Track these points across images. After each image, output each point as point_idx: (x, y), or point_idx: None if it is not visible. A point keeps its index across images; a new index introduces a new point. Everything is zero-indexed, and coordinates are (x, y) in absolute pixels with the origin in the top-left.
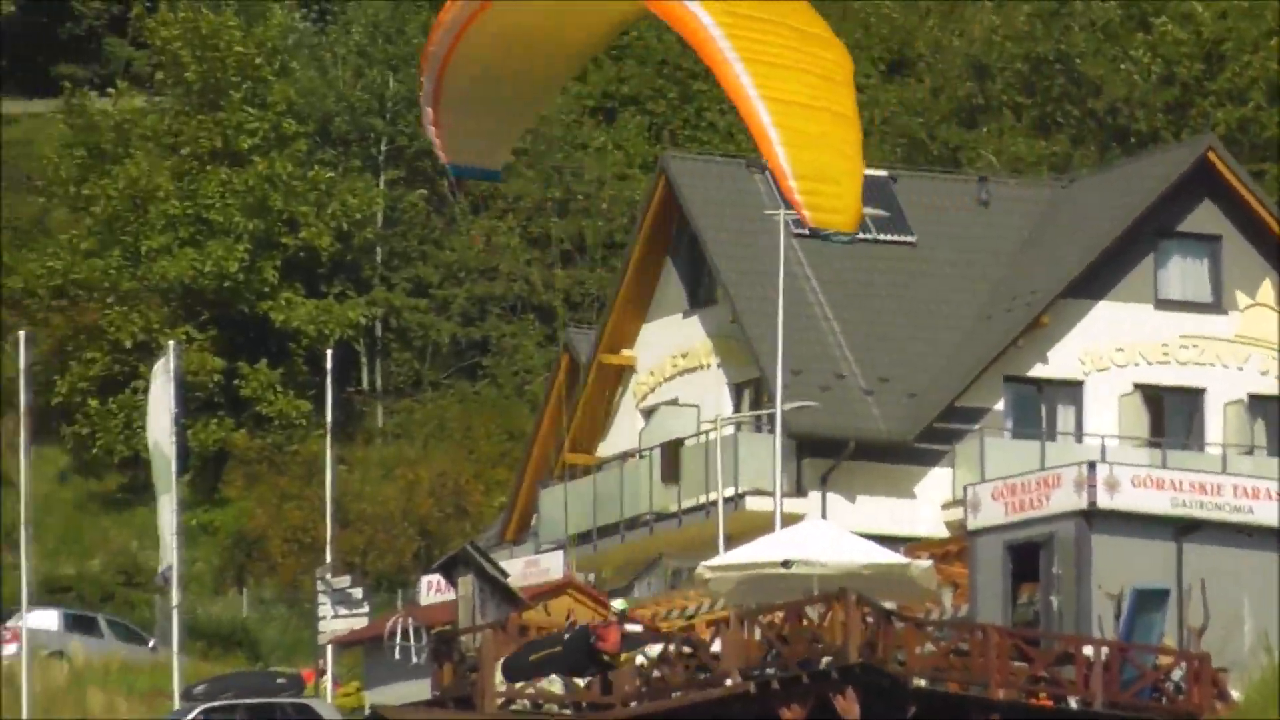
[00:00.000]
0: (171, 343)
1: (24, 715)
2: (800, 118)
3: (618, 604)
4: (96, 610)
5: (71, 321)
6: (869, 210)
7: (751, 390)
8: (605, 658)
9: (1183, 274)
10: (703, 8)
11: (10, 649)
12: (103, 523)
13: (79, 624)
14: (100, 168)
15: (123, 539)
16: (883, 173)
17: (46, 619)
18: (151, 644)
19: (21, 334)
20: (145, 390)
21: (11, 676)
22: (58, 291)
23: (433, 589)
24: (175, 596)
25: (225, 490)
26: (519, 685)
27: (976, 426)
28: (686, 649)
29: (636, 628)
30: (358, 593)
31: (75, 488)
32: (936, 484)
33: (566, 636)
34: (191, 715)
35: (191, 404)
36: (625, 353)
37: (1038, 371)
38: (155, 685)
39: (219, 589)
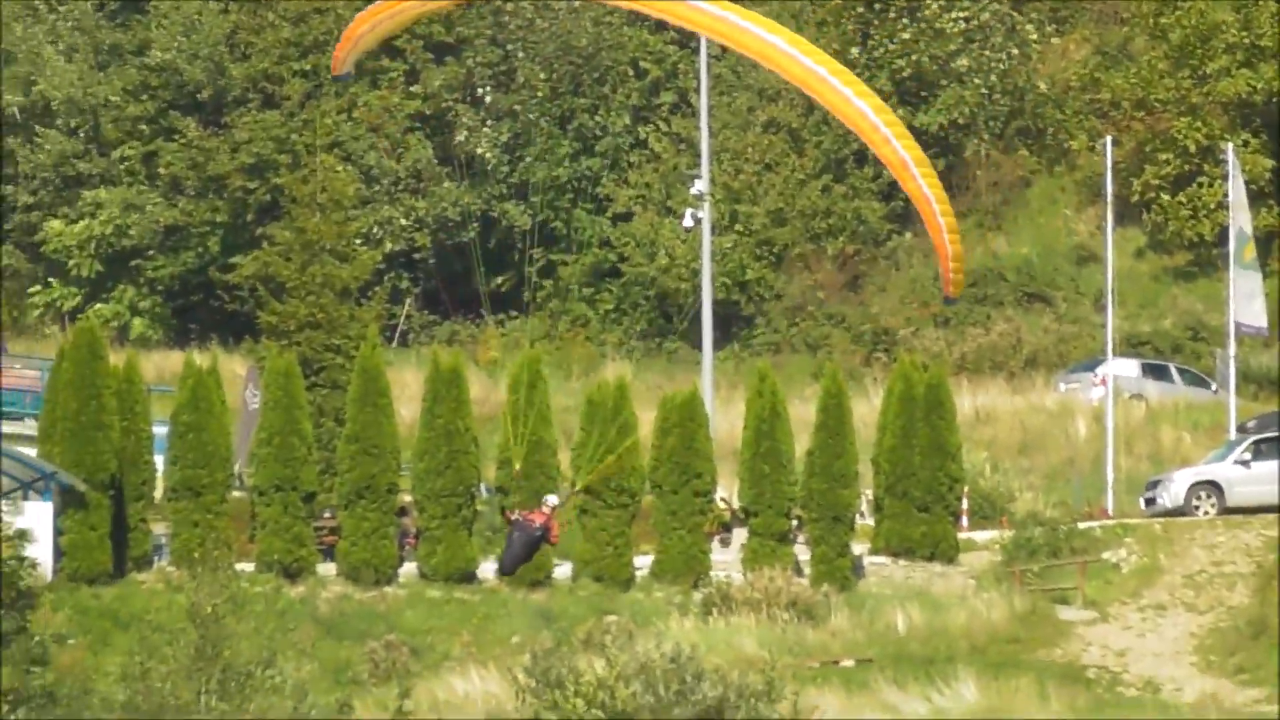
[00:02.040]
0: (1230, 146)
1: (1108, 445)
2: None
3: (552, 500)
4: (1168, 360)
5: (1149, 129)
6: None
7: None
8: (550, 545)
9: None
10: (900, 141)
11: (1098, 392)
12: (1173, 290)
13: (1153, 371)
14: (1174, 5)
15: (1189, 303)
16: None
17: (1127, 367)
18: (1214, 388)
19: (1109, 138)
20: (1209, 185)
21: (1099, 415)
22: (1138, 104)
23: None
24: (1232, 348)
25: None
26: None
27: None
28: None
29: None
30: None
31: (1150, 263)
32: None
33: (537, 534)
34: (1244, 444)
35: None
36: None
37: None
38: (1215, 421)
39: None
